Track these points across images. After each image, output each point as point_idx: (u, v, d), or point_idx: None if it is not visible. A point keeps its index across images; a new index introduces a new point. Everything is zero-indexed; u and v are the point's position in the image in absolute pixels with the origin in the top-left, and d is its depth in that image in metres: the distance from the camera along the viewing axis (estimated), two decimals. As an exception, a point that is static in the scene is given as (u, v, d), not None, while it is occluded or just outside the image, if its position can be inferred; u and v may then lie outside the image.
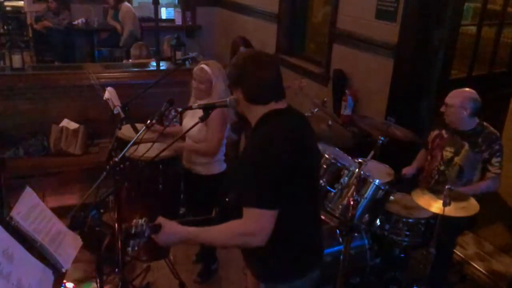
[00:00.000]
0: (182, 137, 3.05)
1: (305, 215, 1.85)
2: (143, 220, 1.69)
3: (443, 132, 3.14)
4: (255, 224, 1.67)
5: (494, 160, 2.93)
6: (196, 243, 1.85)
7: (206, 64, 2.96)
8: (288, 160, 1.69)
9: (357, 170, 2.74)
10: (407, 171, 3.30)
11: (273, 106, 1.78)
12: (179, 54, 4.83)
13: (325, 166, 2.93)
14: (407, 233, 2.93)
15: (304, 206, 1.83)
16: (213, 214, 1.96)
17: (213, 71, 2.92)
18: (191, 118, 2.99)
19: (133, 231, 1.66)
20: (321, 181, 2.82)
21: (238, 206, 1.75)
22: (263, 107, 1.78)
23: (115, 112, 3.04)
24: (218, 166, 3.10)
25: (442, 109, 3.01)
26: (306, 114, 3.60)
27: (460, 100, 2.94)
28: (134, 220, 1.68)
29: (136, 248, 1.69)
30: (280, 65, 1.86)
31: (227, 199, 1.95)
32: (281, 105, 1.80)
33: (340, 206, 2.78)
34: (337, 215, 2.81)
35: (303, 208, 1.83)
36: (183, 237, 1.75)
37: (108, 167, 2.35)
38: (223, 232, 1.74)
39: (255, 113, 1.80)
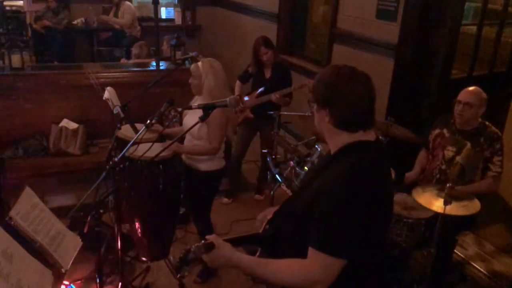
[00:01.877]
0: (182, 137, 3.05)
1: (368, 265, 1.64)
2: (200, 244, 1.57)
3: (445, 131, 3.14)
4: (320, 271, 1.48)
5: (495, 159, 2.93)
6: (247, 274, 1.68)
7: (202, 61, 3.02)
8: (371, 207, 1.49)
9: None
10: (410, 176, 3.29)
11: (360, 136, 1.56)
12: (179, 54, 4.83)
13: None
14: (408, 233, 2.92)
15: (370, 257, 1.62)
16: (261, 230, 1.80)
17: (204, 67, 2.98)
18: (192, 116, 3.00)
19: (190, 257, 1.56)
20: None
21: (289, 234, 1.63)
22: (349, 135, 1.56)
23: (114, 112, 3.04)
24: (217, 162, 3.13)
25: (460, 108, 2.97)
26: (307, 114, 3.63)
27: (480, 99, 2.95)
28: (193, 246, 1.56)
29: (186, 274, 1.62)
30: (374, 87, 1.58)
31: (261, 231, 1.78)
32: (369, 136, 1.59)
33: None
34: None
35: (368, 260, 1.61)
36: (234, 264, 1.60)
37: (107, 167, 2.34)
38: (282, 271, 1.55)
39: (338, 139, 1.58)
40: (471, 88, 3.00)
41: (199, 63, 3.00)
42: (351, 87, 1.52)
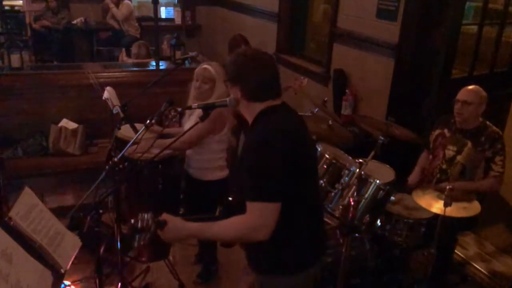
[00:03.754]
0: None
1: (306, 209, 1.87)
2: (148, 214, 1.69)
3: (445, 131, 3.14)
4: (258, 218, 1.68)
5: (497, 158, 2.93)
6: (200, 239, 1.87)
7: (211, 66, 2.95)
8: (287, 152, 1.72)
9: (357, 170, 2.72)
10: (412, 180, 3.28)
11: (269, 103, 1.82)
12: (178, 54, 4.82)
13: (325, 166, 2.90)
14: (408, 233, 2.91)
15: (305, 200, 1.86)
16: (217, 213, 1.94)
17: (217, 71, 2.91)
18: (188, 121, 2.96)
19: (139, 226, 1.67)
20: (321, 182, 2.81)
21: (241, 205, 1.76)
22: (260, 104, 1.82)
23: (114, 112, 3.03)
24: (215, 172, 3.02)
25: (459, 106, 2.96)
26: (307, 114, 3.61)
27: (480, 97, 2.94)
28: (140, 215, 1.69)
29: (141, 243, 1.68)
30: (277, 64, 1.92)
31: (230, 199, 1.95)
32: (277, 102, 1.85)
33: (341, 207, 2.76)
34: (337, 215, 2.79)
35: (304, 202, 1.85)
36: (187, 233, 1.78)
37: (107, 167, 2.34)
38: (227, 228, 1.75)
39: (252, 109, 1.84)
40: (470, 87, 2.99)
41: (208, 67, 2.91)
42: (255, 65, 1.80)
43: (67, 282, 2.36)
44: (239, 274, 3.33)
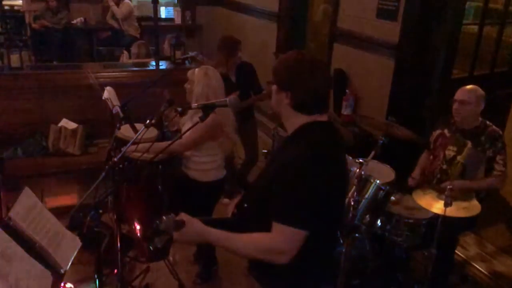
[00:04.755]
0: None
1: (328, 236, 1.78)
2: (170, 216, 1.62)
3: (446, 131, 3.14)
4: (286, 242, 1.58)
5: (498, 157, 2.93)
6: (214, 246, 1.82)
7: (199, 68, 2.97)
8: (329, 180, 1.62)
9: (358, 170, 2.72)
10: (413, 181, 3.27)
11: (316, 117, 1.68)
12: (178, 54, 4.82)
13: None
14: (408, 233, 2.91)
15: (330, 227, 1.76)
16: (230, 215, 1.88)
17: (198, 74, 2.92)
18: (187, 122, 2.96)
19: (162, 227, 1.60)
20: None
21: (256, 214, 1.70)
22: (306, 116, 1.68)
23: (114, 111, 3.02)
24: (213, 173, 3.03)
25: (456, 106, 2.96)
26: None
27: (476, 97, 2.94)
28: (164, 217, 1.61)
29: (158, 246, 1.62)
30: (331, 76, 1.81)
31: (245, 206, 1.86)
32: (324, 118, 1.71)
33: (341, 207, 2.76)
34: (338, 215, 2.78)
35: (328, 229, 1.75)
36: (205, 239, 1.68)
37: (107, 167, 2.33)
38: (249, 244, 1.66)
39: (295, 120, 1.70)
40: (467, 87, 2.99)
41: (196, 69, 2.95)
42: (312, 74, 1.65)
43: (68, 285, 2.35)
44: (239, 274, 3.32)
